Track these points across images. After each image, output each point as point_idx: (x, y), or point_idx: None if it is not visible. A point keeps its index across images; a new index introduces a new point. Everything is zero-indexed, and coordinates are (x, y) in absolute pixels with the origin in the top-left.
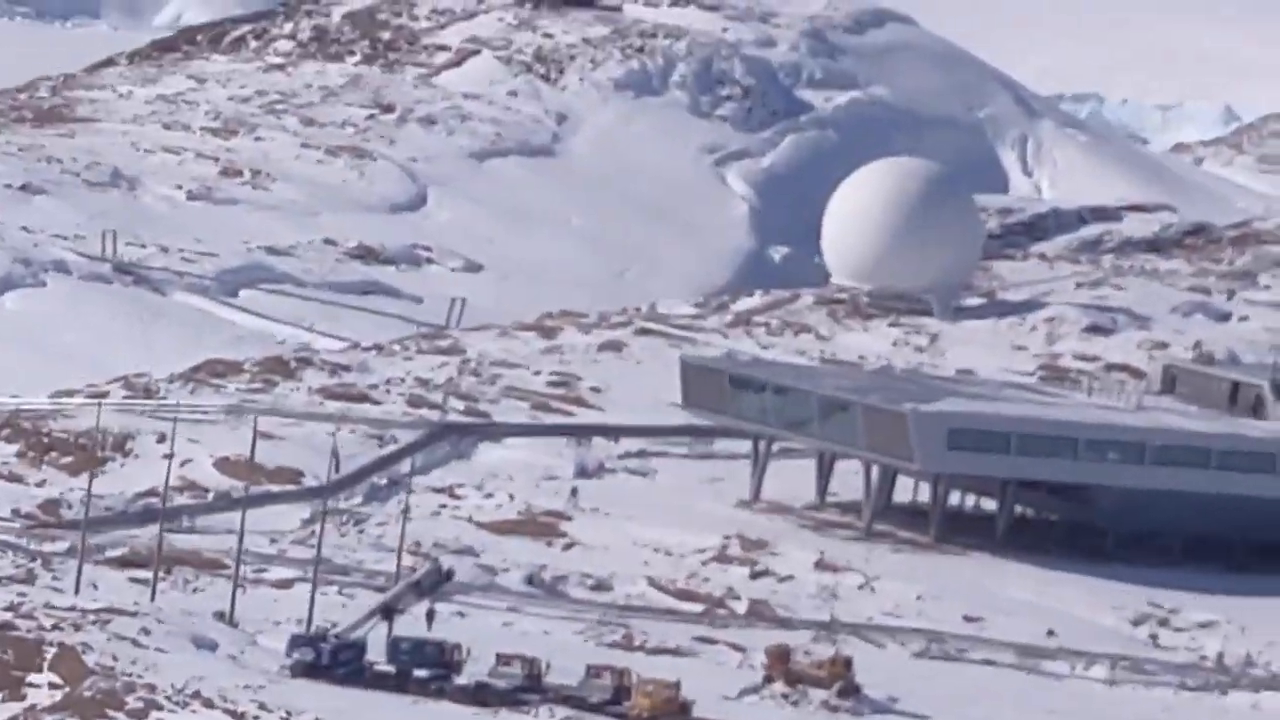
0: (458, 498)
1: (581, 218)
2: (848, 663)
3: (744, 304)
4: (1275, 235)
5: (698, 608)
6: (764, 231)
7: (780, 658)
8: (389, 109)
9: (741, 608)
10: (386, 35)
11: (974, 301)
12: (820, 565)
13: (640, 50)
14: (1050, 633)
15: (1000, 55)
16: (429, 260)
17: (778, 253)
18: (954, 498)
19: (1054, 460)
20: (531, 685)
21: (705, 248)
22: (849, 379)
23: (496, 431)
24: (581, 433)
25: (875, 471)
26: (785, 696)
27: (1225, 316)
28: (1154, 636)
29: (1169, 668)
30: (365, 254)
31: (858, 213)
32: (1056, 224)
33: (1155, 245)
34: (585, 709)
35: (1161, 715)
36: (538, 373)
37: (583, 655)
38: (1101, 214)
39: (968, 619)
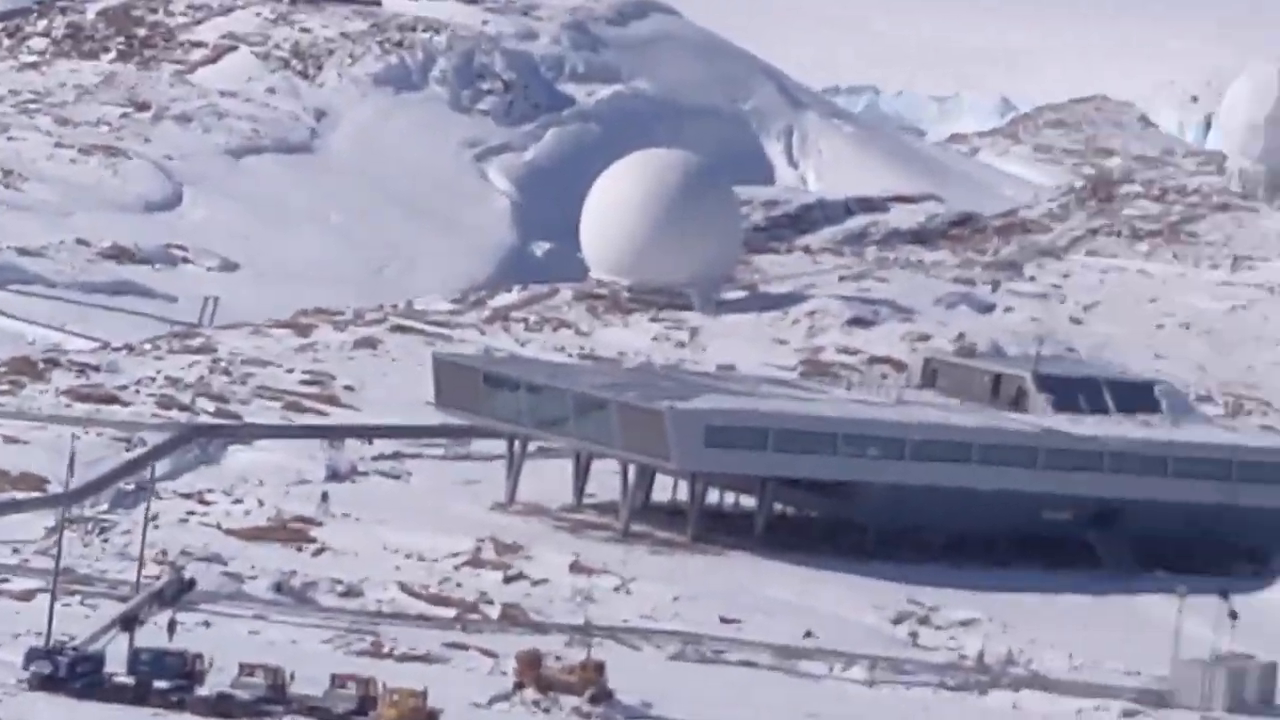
0: (207, 503)
1: (340, 215)
2: (599, 668)
3: (502, 300)
4: (1041, 225)
5: (449, 613)
6: (526, 226)
7: (531, 664)
8: (144, 107)
9: (494, 612)
10: (142, 32)
11: (736, 295)
12: (575, 568)
13: (399, 44)
14: (808, 633)
15: (773, 47)
16: (184, 260)
17: (540, 248)
18: (714, 496)
19: (813, 457)
20: (275, 696)
21: (466, 244)
22: (606, 376)
23: (247, 433)
24: (334, 434)
25: (632, 471)
26: (536, 703)
27: (989, 308)
28: (914, 635)
29: (928, 667)
30: (119, 254)
31: (615, 206)
32: (823, 216)
33: (921, 236)
34: None
35: (920, 716)
36: (290, 370)
37: (330, 664)
38: (868, 205)
39: (725, 620)
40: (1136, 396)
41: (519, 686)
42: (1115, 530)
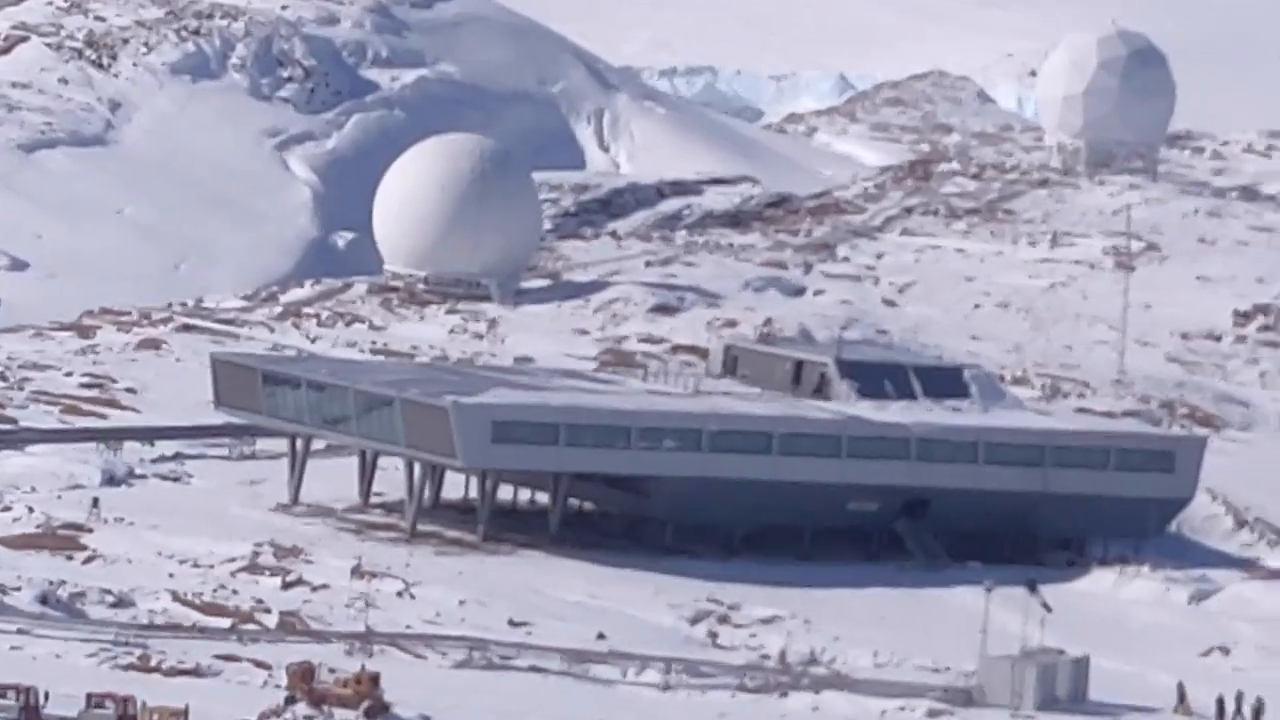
0: None
1: (135, 209)
2: (375, 679)
3: (294, 295)
4: (856, 205)
5: (224, 622)
6: (328, 218)
7: (304, 676)
8: None
9: (271, 621)
10: None
11: (537, 284)
12: (357, 572)
13: (196, 32)
14: (601, 635)
15: (606, 30)
16: None
17: (343, 239)
18: (508, 492)
19: (605, 451)
20: (28, 717)
21: (266, 236)
22: (390, 373)
23: (19, 438)
24: (111, 436)
25: (418, 469)
26: (309, 719)
27: (799, 291)
28: (713, 635)
29: (727, 669)
30: None
31: (408, 196)
32: (634, 200)
33: (736, 219)
34: None
35: (720, 715)
36: (70, 374)
37: (94, 680)
38: (681, 188)
39: (514, 624)
40: (945, 382)
41: (290, 701)
42: (924, 521)
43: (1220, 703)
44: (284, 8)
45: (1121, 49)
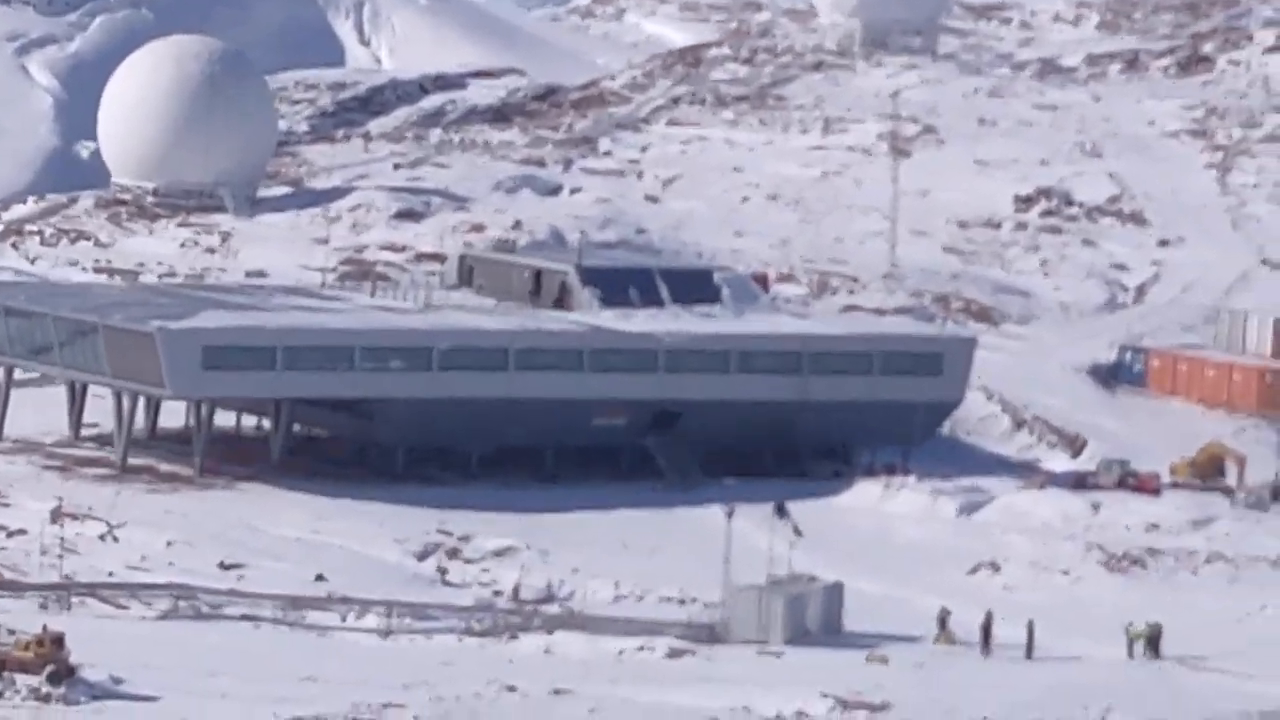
0: None
1: None
2: (58, 640)
3: (16, 212)
4: (621, 95)
5: None
6: (71, 127)
7: None
8: None
9: None
10: None
11: (277, 192)
12: (57, 515)
13: None
14: (319, 577)
15: None
16: None
17: (86, 149)
18: (232, 418)
19: (327, 374)
20: None
21: (6, 148)
22: (96, 297)
23: None
24: None
25: (126, 399)
26: None
27: (556, 190)
28: (443, 571)
29: (453, 611)
30: None
31: (135, 102)
32: (396, 97)
33: (501, 113)
34: None
35: (440, 670)
36: None
37: None
38: (444, 82)
39: (226, 567)
40: (694, 286)
41: None
42: (676, 435)
43: (985, 629)
44: None
45: None
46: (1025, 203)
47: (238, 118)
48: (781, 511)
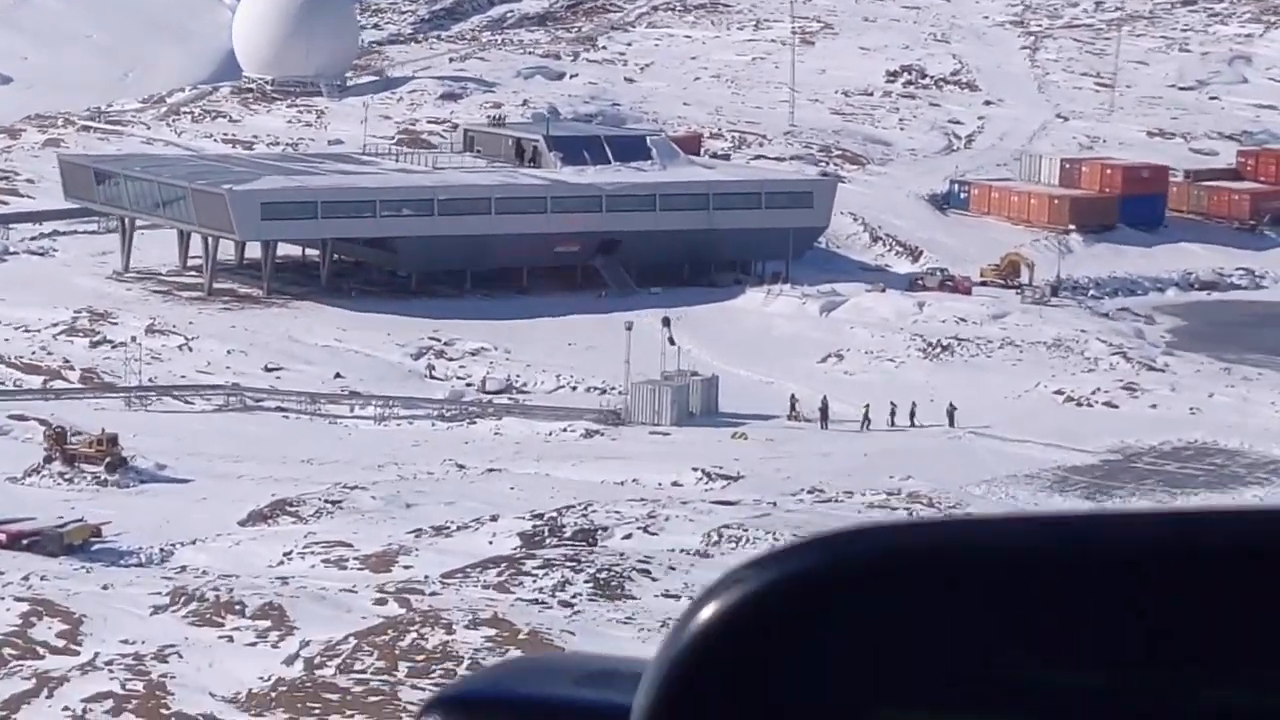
0: None
1: (99, 35)
2: (113, 439)
3: (176, 97)
4: (619, 6)
5: (38, 380)
6: None
7: (57, 439)
8: None
9: (75, 377)
10: None
11: (362, 81)
12: (150, 330)
13: None
14: (337, 375)
15: None
16: None
17: None
18: (302, 251)
19: (356, 220)
20: None
21: (196, 48)
22: (189, 167)
23: None
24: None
25: (210, 241)
26: (62, 474)
27: (560, 76)
28: (430, 369)
29: (431, 402)
30: None
31: (257, 15)
32: (472, 7)
33: (543, 19)
34: None
35: (410, 451)
36: None
37: None
38: None
39: (268, 369)
40: (632, 148)
41: (48, 460)
42: (616, 257)
43: (823, 409)
44: None
45: None
46: (892, 76)
47: (327, 27)
48: (666, 323)
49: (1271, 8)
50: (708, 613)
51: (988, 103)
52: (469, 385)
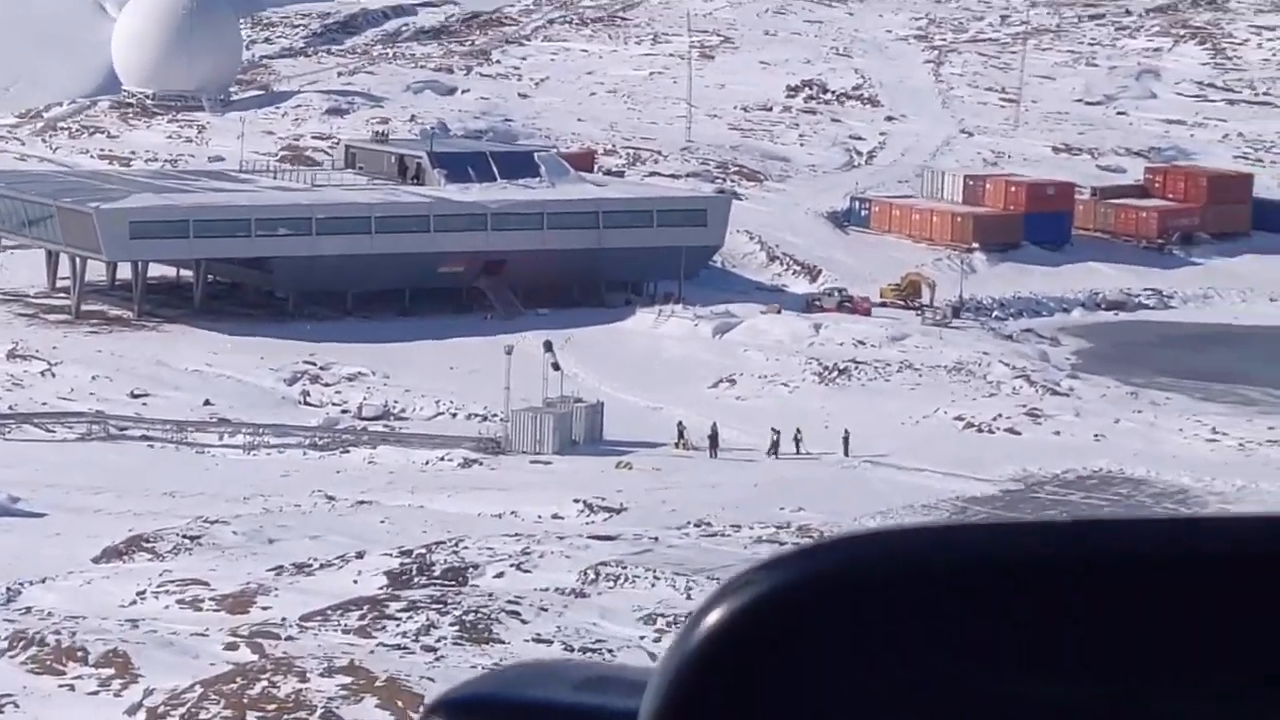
0: None
1: None
2: None
3: (54, 112)
4: (515, 19)
5: None
6: None
7: None
8: None
9: None
10: None
11: (246, 95)
12: (12, 354)
13: None
14: (206, 401)
15: None
16: None
17: None
18: (177, 271)
19: (230, 239)
20: None
21: (81, 63)
22: (56, 184)
23: None
24: None
25: (78, 262)
26: None
27: (452, 90)
28: (305, 395)
29: (305, 430)
30: None
31: (137, 28)
32: (366, 22)
33: (440, 32)
34: None
35: (279, 482)
36: None
37: None
38: (400, 10)
39: (134, 396)
40: (519, 164)
41: None
42: (502, 278)
43: (712, 437)
44: None
45: None
46: (793, 91)
47: (210, 41)
48: (548, 348)
49: (1180, 21)
50: (713, 617)
51: (890, 118)
52: (345, 412)
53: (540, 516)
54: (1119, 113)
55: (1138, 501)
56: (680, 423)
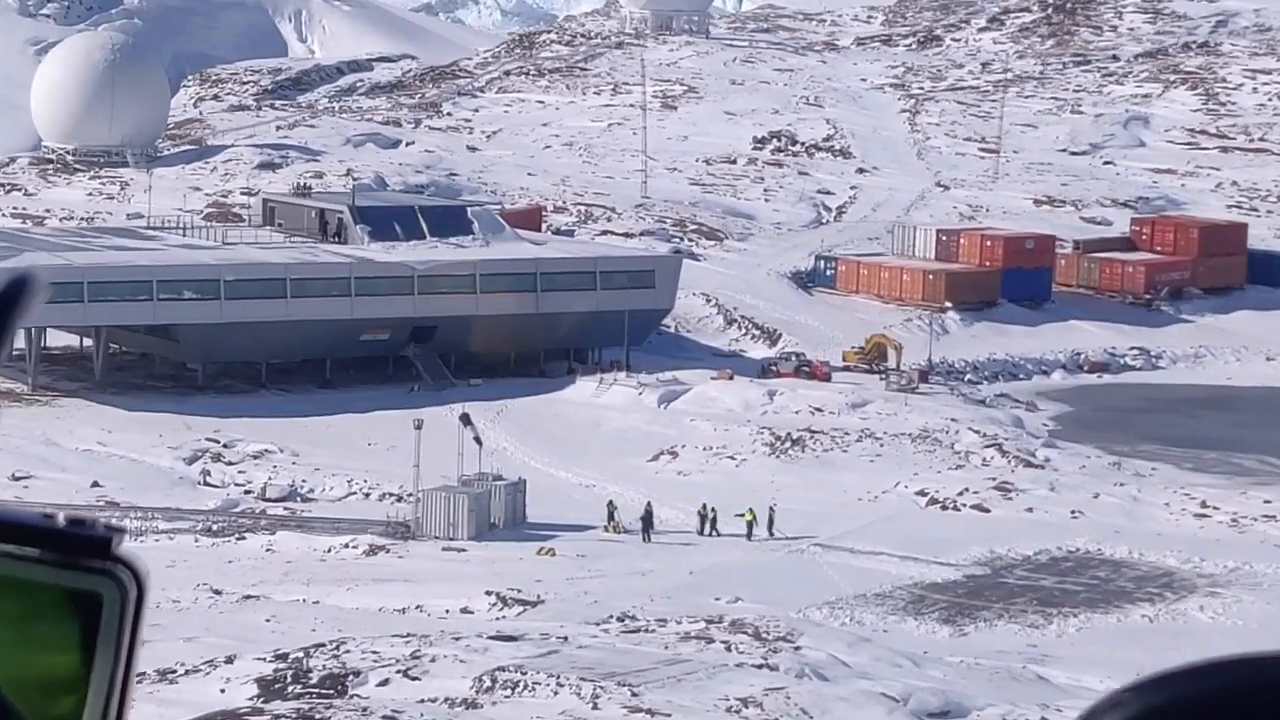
0: None
1: None
2: None
3: None
4: (471, 72)
5: None
6: None
7: None
8: None
9: None
10: None
11: (175, 150)
12: None
13: None
14: (95, 484)
15: None
16: None
17: None
18: (80, 341)
19: (129, 304)
20: None
21: (22, 122)
22: None
23: None
24: None
25: None
26: None
27: (395, 144)
28: (205, 474)
29: (198, 514)
30: None
31: (57, 82)
32: (319, 77)
33: (397, 87)
34: None
35: (168, 565)
36: None
37: None
38: (356, 66)
39: (16, 478)
40: (450, 220)
41: None
42: (431, 346)
43: (645, 518)
44: None
45: None
46: (760, 143)
47: (135, 94)
48: (466, 421)
49: (1170, 66)
50: None
51: (862, 170)
52: (248, 493)
53: (448, 611)
54: (1106, 162)
55: (1117, 587)
56: (611, 502)
